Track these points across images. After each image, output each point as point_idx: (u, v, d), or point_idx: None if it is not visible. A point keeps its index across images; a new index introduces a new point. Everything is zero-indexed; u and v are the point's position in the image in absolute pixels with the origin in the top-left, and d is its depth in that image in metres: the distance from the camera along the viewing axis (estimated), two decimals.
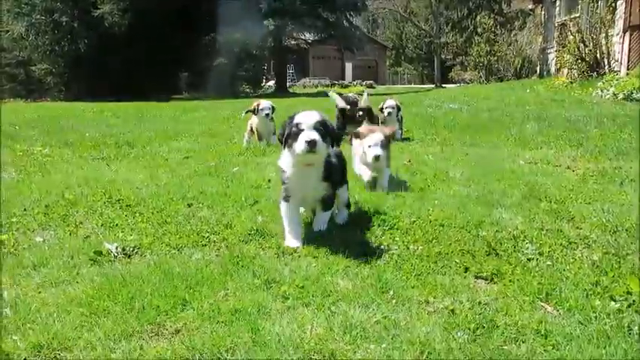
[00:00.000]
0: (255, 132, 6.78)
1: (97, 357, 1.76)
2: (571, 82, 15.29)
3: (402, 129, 7.40)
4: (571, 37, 16.09)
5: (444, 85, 30.40)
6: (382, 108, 7.05)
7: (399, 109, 7.19)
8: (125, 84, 22.49)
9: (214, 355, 1.76)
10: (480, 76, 27.79)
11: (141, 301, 2.13)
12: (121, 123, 10.40)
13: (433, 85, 31.89)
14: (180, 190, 4.19)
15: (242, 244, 2.87)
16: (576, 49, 15.68)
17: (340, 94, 7.12)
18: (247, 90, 28.45)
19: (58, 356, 1.79)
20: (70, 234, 3.18)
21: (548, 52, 21.20)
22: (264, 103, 6.65)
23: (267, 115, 6.52)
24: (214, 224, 3.25)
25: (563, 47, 16.76)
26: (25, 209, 3.77)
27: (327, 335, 1.90)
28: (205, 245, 2.89)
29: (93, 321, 2.00)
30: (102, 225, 3.34)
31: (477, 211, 3.50)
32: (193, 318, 2.02)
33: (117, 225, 3.31)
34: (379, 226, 3.21)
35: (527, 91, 15.27)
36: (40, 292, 2.30)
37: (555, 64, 18.87)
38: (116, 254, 2.75)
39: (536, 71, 23.33)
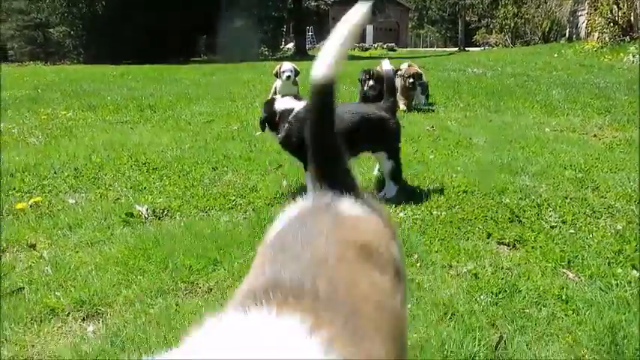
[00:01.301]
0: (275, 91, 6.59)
1: (136, 312, 1.87)
2: (601, 47, 14.76)
3: (426, 95, 7.20)
4: None
5: (467, 49, 29.61)
6: (403, 76, 6.49)
7: (420, 76, 6.93)
8: (143, 46, 22.42)
9: None
10: (506, 40, 26.96)
11: (174, 260, 2.22)
12: (141, 86, 10.45)
13: (456, 49, 31.10)
14: (205, 154, 4.26)
15: (268, 208, 2.93)
16: (609, 12, 15.05)
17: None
18: (266, 52, 28.16)
19: (99, 311, 1.90)
20: (101, 196, 3.29)
21: (579, 14, 20.38)
22: (286, 66, 6.49)
23: (288, 77, 6.36)
24: (240, 188, 3.32)
25: (595, 9, 16.09)
26: (55, 172, 3.88)
27: None
28: (232, 208, 2.97)
29: (129, 279, 2.10)
30: (130, 187, 3.44)
31: (500, 178, 3.50)
32: (224, 277, 2.11)
33: (145, 188, 3.41)
34: (403, 191, 3.24)
35: (555, 55, 14.82)
36: (77, 252, 2.41)
37: (585, 28, 18.17)
38: (147, 216, 2.85)
39: (564, 35, 22.51)
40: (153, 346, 1.65)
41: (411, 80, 6.32)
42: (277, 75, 6.51)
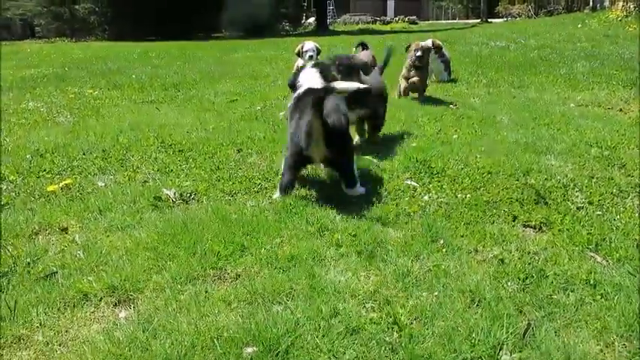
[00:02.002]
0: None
1: (167, 298, 1.92)
2: (626, 16, 14.20)
3: (449, 71, 7.01)
4: None
5: (490, 20, 28.75)
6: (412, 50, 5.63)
7: (440, 50, 6.64)
8: (166, 23, 22.41)
9: (275, 300, 1.88)
10: (529, 10, 26.12)
11: (202, 246, 2.27)
12: (165, 64, 10.49)
13: (479, 20, 30.23)
14: (229, 135, 4.28)
15: (293, 191, 2.95)
16: None
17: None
18: (287, 28, 27.85)
19: (130, 297, 1.96)
20: (129, 179, 3.35)
21: None
22: (308, 45, 6.25)
23: (310, 57, 6.09)
24: (265, 171, 3.34)
25: None
26: (83, 153, 3.96)
27: (380, 283, 1.99)
28: (258, 192, 2.99)
29: (160, 265, 2.16)
30: (158, 170, 3.49)
31: (525, 158, 3.45)
32: (252, 263, 2.15)
33: (172, 170, 3.45)
34: (426, 173, 3.22)
35: (579, 26, 14.33)
36: (108, 236, 2.48)
37: None
38: (174, 199, 2.90)
39: (588, 4, 21.72)
40: (184, 333, 1.70)
41: (419, 54, 5.40)
42: (299, 54, 6.28)
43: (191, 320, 1.76)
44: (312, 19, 31.94)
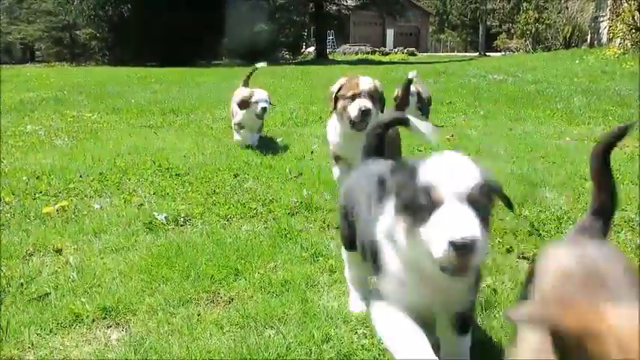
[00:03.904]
0: (238, 124, 4.87)
1: (159, 321, 1.91)
2: (623, 53, 14.50)
3: (426, 112, 5.69)
4: (626, 4, 15.17)
5: (488, 54, 29.36)
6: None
7: (419, 96, 5.58)
8: (166, 49, 22.77)
9: (267, 324, 1.87)
10: (527, 45, 26.68)
11: (196, 269, 2.27)
12: (164, 89, 10.62)
13: (477, 54, 30.86)
14: (226, 160, 4.32)
15: (288, 217, 2.97)
16: (631, 18, 14.79)
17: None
18: (287, 56, 28.31)
19: (123, 319, 1.95)
20: (125, 202, 3.36)
21: (600, 20, 20.07)
22: (260, 94, 4.67)
23: (264, 109, 4.63)
24: (261, 196, 3.36)
25: (617, 15, 15.83)
26: (80, 176, 3.98)
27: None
28: (253, 217, 3.01)
29: (153, 287, 2.15)
30: (154, 193, 3.50)
31: (520, 189, 3.48)
32: (246, 287, 2.15)
33: (168, 194, 3.47)
34: None
35: (577, 61, 14.61)
36: (102, 258, 2.48)
37: (607, 34, 17.89)
38: (166, 224, 2.90)
39: (586, 40, 22.20)
40: (175, 356, 1.69)
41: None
42: (245, 104, 4.64)
43: (183, 343, 1.75)
44: (311, 48, 32.52)
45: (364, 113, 2.89)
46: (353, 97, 2.97)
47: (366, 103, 2.93)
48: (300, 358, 1.67)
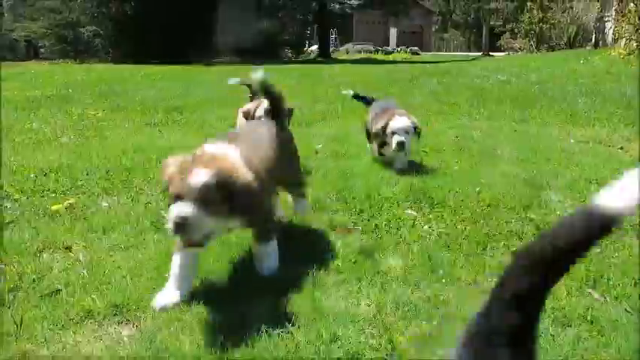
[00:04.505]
0: None
1: (169, 318, 1.94)
2: (629, 54, 14.46)
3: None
4: (632, 4, 15.13)
5: (491, 54, 29.35)
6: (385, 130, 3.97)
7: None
8: (170, 47, 22.81)
9: (275, 323, 1.90)
10: (531, 45, 26.64)
11: (204, 268, 2.29)
12: (167, 87, 10.64)
13: (480, 53, 30.84)
14: None
15: (293, 217, 2.99)
16: (637, 18, 14.76)
17: None
18: (290, 55, 28.33)
19: (134, 315, 1.98)
20: (132, 200, 3.39)
21: (606, 20, 20.03)
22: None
23: (400, 145, 3.90)
24: None
25: (622, 16, 15.78)
26: (87, 174, 4.00)
27: (379, 310, 2.01)
28: None
29: (162, 285, 2.17)
30: (160, 192, 3.52)
31: (525, 192, 3.49)
32: (253, 287, 2.17)
33: None
34: (426, 203, 3.26)
35: (581, 62, 14.60)
36: (111, 256, 2.51)
37: (612, 34, 17.85)
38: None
39: (590, 40, 22.15)
40: (187, 353, 1.71)
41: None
42: (251, 115, 3.92)
43: (193, 340, 1.78)
44: (314, 47, 32.53)
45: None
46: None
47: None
48: (309, 357, 1.70)
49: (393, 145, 3.88)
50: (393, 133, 3.88)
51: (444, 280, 2.26)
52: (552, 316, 2.00)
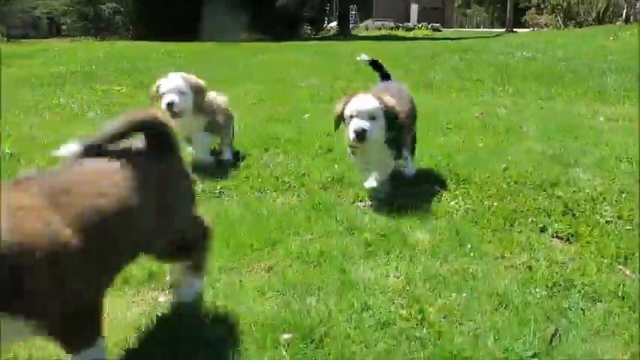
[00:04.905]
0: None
1: (204, 286, 1.99)
2: None
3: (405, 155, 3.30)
4: None
5: (515, 30, 28.54)
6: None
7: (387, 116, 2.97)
8: (189, 24, 22.76)
9: (307, 292, 1.94)
10: (557, 21, 25.86)
11: (235, 239, 2.34)
12: (188, 65, 10.64)
13: (504, 30, 30.02)
14: (255, 136, 4.37)
15: (321, 192, 3.01)
16: None
17: None
18: (309, 31, 28.03)
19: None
20: None
21: None
22: (169, 83, 3.35)
23: (169, 106, 3.26)
24: (292, 170, 3.42)
25: None
26: None
27: (408, 282, 2.04)
28: (286, 190, 3.07)
29: None
30: (188, 165, 3.57)
31: (552, 169, 3.45)
32: (284, 257, 2.22)
33: (201, 166, 3.55)
34: (452, 179, 3.25)
35: (611, 38, 14.15)
36: None
37: None
38: (203, 194, 2.98)
39: (621, 15, 21.41)
40: (222, 318, 1.77)
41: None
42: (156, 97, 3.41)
43: (228, 306, 1.83)
44: (334, 24, 32.10)
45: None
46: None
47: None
48: (342, 324, 1.74)
49: (350, 134, 2.73)
50: (352, 116, 2.75)
51: (472, 254, 2.27)
52: (582, 291, 2.01)
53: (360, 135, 2.69)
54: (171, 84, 3.33)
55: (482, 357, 1.63)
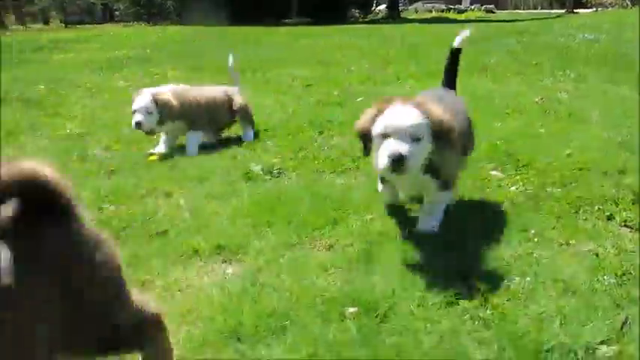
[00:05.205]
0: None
1: (268, 260, 2.07)
2: None
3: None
4: None
5: (576, 11, 27.11)
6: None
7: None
8: (239, 8, 22.99)
9: (369, 269, 1.98)
10: (624, 0, 24.36)
11: (297, 217, 2.41)
12: (238, 48, 10.79)
13: (563, 10, 28.58)
14: (309, 118, 4.41)
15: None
16: None
17: None
18: (357, 14, 27.71)
19: (235, 257, 2.13)
20: (219, 154, 3.56)
21: None
22: (139, 102, 3.57)
23: (137, 125, 3.52)
24: (348, 153, 3.44)
25: None
26: None
27: (471, 264, 2.03)
28: (343, 172, 3.10)
29: (258, 231, 2.32)
30: (245, 147, 3.68)
31: (619, 156, 3.31)
32: (345, 235, 2.26)
33: (258, 148, 3.63)
34: (512, 165, 3.19)
35: None
36: (209, 202, 2.68)
37: None
38: (262, 175, 3.05)
39: None
40: (288, 291, 1.83)
41: None
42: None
43: (294, 280, 1.90)
44: (382, 6, 31.56)
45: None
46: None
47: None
48: (405, 301, 1.76)
49: (382, 161, 2.03)
50: (385, 135, 2.04)
51: (535, 240, 2.23)
52: None
53: (397, 163, 1.96)
54: (140, 103, 3.53)
55: (547, 340, 1.62)
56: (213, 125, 3.90)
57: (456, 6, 35.65)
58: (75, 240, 1.19)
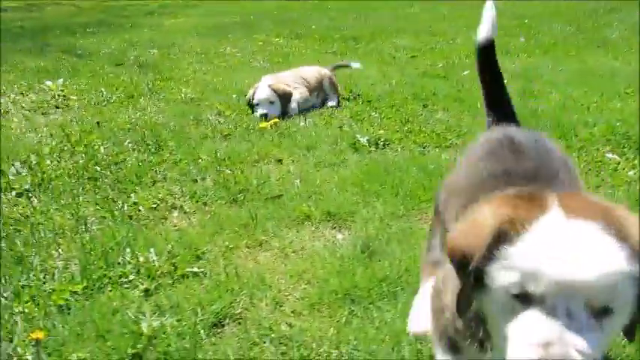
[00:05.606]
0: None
1: (378, 228, 2.16)
2: None
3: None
4: None
5: None
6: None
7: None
8: None
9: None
10: None
11: (403, 188, 2.47)
12: (341, 16, 10.78)
13: None
14: (413, 90, 4.39)
15: None
16: None
17: None
18: None
19: (345, 224, 2.25)
20: (326, 123, 3.68)
21: None
22: (260, 94, 3.87)
23: (264, 117, 3.76)
24: (453, 128, 3.41)
25: None
26: None
27: None
28: (449, 147, 3.10)
29: (366, 200, 2.42)
30: (350, 117, 3.77)
31: None
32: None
33: (364, 119, 3.70)
34: (630, 147, 2.99)
35: None
36: (318, 170, 2.82)
37: None
38: (368, 146, 3.13)
39: None
40: (399, 258, 1.92)
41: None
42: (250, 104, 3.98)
43: (403, 249, 1.98)
44: None
45: None
46: None
47: None
48: None
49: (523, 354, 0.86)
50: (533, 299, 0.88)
51: None
52: None
53: None
54: (262, 95, 3.85)
55: None
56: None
57: None
58: None
